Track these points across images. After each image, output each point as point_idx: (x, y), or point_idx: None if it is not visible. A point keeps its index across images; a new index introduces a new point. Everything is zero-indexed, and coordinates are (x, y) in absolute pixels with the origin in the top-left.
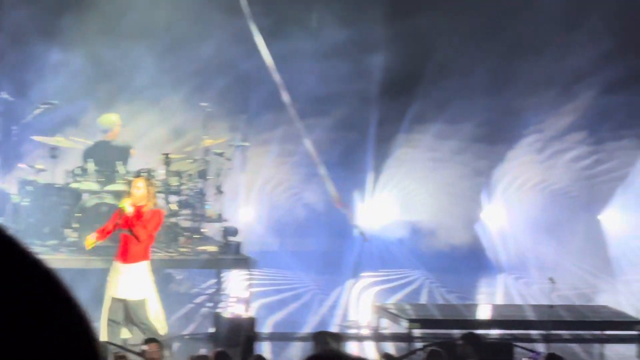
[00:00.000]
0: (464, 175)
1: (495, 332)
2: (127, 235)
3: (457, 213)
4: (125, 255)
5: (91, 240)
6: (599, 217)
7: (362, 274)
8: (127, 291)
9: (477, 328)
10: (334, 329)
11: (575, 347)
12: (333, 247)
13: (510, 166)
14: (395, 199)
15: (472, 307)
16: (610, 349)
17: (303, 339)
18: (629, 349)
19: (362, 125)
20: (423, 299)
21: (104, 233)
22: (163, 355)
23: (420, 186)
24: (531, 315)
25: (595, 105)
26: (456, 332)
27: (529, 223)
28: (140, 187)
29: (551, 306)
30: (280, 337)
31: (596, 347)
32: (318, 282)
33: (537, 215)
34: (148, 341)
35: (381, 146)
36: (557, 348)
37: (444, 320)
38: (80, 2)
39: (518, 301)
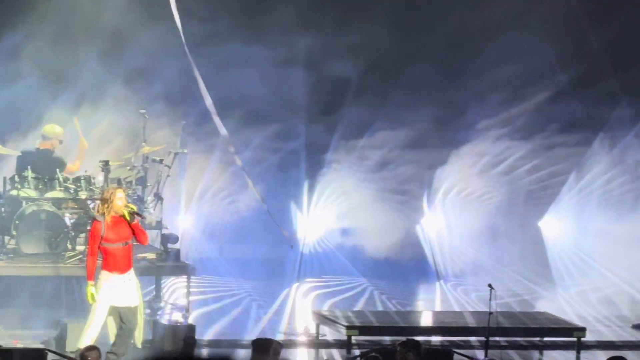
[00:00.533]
0: (404, 181)
1: (435, 339)
2: (124, 247)
3: (396, 220)
4: (127, 266)
5: (91, 292)
6: (539, 223)
7: (302, 281)
8: (131, 299)
9: (417, 335)
10: (273, 336)
11: (514, 353)
12: (273, 255)
13: (451, 172)
14: (333, 207)
15: (412, 313)
16: (549, 356)
17: (242, 346)
18: (568, 355)
19: (300, 134)
20: (363, 306)
21: (94, 260)
22: None
23: (359, 193)
24: (471, 322)
25: (536, 111)
26: (395, 339)
27: (467, 230)
28: (121, 198)
29: (490, 313)
30: (219, 345)
31: (535, 353)
32: (258, 289)
33: (476, 222)
34: (88, 349)
35: (318, 155)
36: (496, 354)
37: (383, 327)
38: (24, 9)
39: (457, 308)
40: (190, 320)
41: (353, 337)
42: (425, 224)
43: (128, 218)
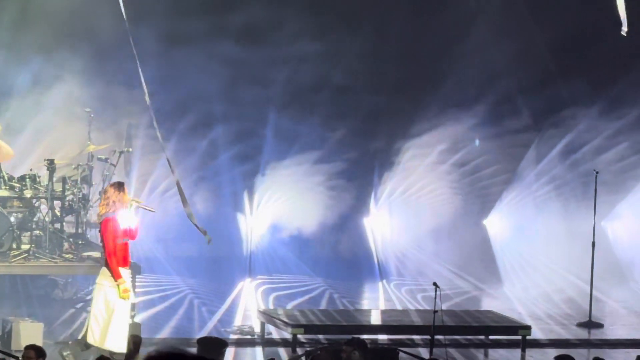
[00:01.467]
0: (352, 178)
1: (380, 337)
2: (126, 243)
3: (341, 218)
4: (128, 261)
5: (125, 287)
6: (484, 221)
7: (250, 279)
8: (133, 294)
9: (363, 333)
10: (219, 334)
11: (459, 352)
12: (219, 253)
13: (397, 170)
14: (280, 205)
15: (357, 312)
16: (495, 354)
17: (188, 344)
18: (513, 353)
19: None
20: (310, 304)
21: (117, 258)
22: None
23: (304, 193)
24: (416, 320)
25: (483, 110)
26: (341, 337)
27: (413, 228)
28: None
29: (435, 311)
30: (166, 342)
31: (480, 352)
32: (204, 287)
33: (422, 221)
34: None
35: (274, 153)
36: (441, 353)
37: (328, 326)
38: None
39: (402, 306)
40: (137, 319)
41: (298, 336)
42: (370, 223)
43: (133, 212)
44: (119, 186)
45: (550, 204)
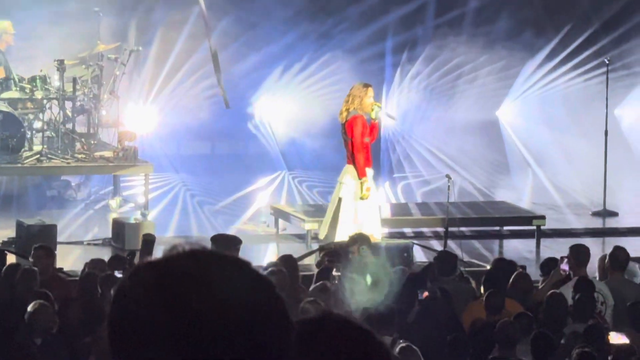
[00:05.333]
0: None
1: (393, 231)
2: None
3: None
4: (371, 161)
5: (368, 186)
6: (496, 113)
7: (263, 176)
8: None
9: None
10: (232, 231)
11: (475, 243)
12: (232, 150)
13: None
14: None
15: None
16: (509, 245)
17: (202, 241)
18: (528, 244)
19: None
20: (314, 200)
21: (365, 155)
22: (52, 263)
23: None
24: (430, 213)
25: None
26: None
27: (424, 119)
28: (372, 96)
29: (449, 203)
30: (179, 241)
31: (495, 242)
32: (217, 185)
33: (436, 113)
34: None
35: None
36: (455, 245)
37: None
38: None
39: (416, 199)
40: (149, 218)
41: (313, 231)
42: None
43: (373, 116)
44: (365, 85)
45: (565, 95)
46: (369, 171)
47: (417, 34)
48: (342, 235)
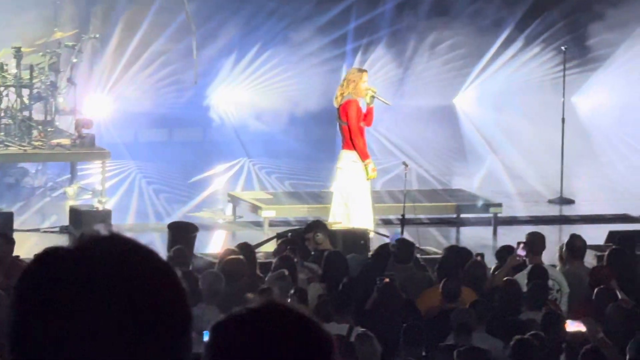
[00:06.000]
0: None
1: None
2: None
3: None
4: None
5: (374, 166)
6: (454, 100)
7: (217, 164)
8: None
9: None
10: (189, 218)
11: (432, 230)
12: (190, 138)
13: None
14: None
15: (326, 194)
16: (466, 232)
17: (158, 229)
18: (484, 231)
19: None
20: (272, 187)
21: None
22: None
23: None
24: (386, 200)
25: None
26: (311, 219)
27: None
28: (366, 81)
29: (406, 190)
30: (136, 228)
31: (452, 230)
32: (174, 172)
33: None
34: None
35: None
36: (413, 232)
37: (299, 208)
38: None
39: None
40: (107, 206)
41: (269, 219)
42: None
43: (368, 101)
44: (360, 70)
45: (522, 81)
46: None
47: (378, 20)
48: (361, 220)
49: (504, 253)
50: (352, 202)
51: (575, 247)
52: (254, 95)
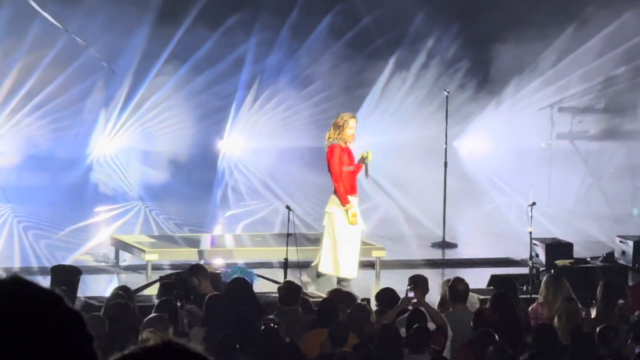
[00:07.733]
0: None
1: (239, 261)
2: (353, 171)
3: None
4: (356, 189)
5: (354, 212)
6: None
7: (99, 208)
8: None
9: (217, 257)
10: (71, 262)
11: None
12: (75, 181)
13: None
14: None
15: (212, 237)
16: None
17: (41, 272)
18: (368, 274)
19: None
20: (152, 230)
21: (344, 183)
22: None
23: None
24: (271, 244)
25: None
26: (194, 262)
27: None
28: (353, 128)
29: (289, 234)
30: (20, 272)
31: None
32: (57, 216)
33: (273, 141)
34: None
35: None
36: (295, 275)
37: (181, 252)
38: None
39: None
40: None
41: (151, 262)
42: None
43: (359, 158)
44: (351, 116)
45: (406, 122)
46: (353, 199)
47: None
48: (346, 264)
49: (383, 296)
50: (337, 245)
51: (457, 291)
52: (141, 139)
